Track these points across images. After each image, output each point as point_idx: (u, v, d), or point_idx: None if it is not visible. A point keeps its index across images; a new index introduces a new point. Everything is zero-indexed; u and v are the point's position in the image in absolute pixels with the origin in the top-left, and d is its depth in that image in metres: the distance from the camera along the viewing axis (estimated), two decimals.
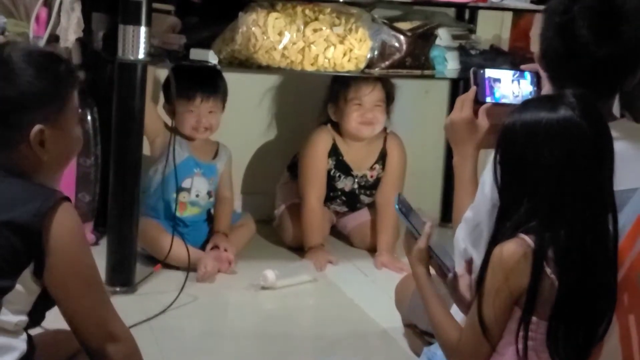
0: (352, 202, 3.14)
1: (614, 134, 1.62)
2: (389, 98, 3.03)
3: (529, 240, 1.47)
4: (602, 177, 1.50)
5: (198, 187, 2.87)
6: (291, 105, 3.31)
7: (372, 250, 3.08)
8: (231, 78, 2.92)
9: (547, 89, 1.75)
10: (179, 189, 2.80)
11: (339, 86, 2.97)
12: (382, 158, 3.09)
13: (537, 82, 1.88)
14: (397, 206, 1.73)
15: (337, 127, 3.04)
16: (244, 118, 3.24)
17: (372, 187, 3.12)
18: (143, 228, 2.65)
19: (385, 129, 3.08)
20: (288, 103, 3.30)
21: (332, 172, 3.05)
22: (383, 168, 3.10)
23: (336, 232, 3.22)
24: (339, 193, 3.10)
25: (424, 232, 1.69)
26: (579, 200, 1.47)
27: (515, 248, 1.47)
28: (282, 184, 3.19)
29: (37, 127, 1.54)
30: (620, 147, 1.62)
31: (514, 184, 1.51)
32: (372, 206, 3.15)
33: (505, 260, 1.47)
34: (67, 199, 1.55)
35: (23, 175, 1.56)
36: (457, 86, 3.32)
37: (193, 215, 2.88)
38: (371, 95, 2.96)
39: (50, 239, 1.50)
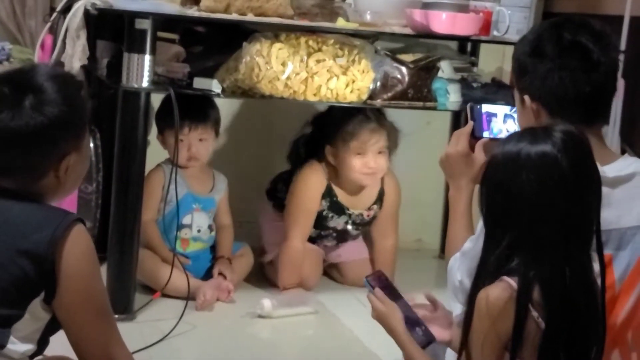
0: (341, 236, 3.08)
1: (629, 169, 1.66)
2: (392, 144, 2.94)
3: (513, 282, 1.46)
4: (581, 214, 1.48)
5: (199, 222, 2.87)
6: (287, 135, 3.32)
7: None
8: (227, 107, 2.93)
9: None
10: (180, 226, 2.81)
11: (340, 132, 2.85)
12: (380, 198, 3.03)
13: None
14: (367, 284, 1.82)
15: (332, 166, 2.94)
16: (238, 146, 3.25)
17: (365, 224, 3.06)
18: (140, 259, 2.64)
19: None
20: (284, 132, 3.29)
21: (324, 213, 2.97)
22: (380, 207, 3.03)
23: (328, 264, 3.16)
24: (330, 231, 3.04)
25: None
26: (557, 235, 1.46)
27: (501, 292, 1.46)
28: (266, 220, 3.10)
29: (68, 157, 1.57)
30: (635, 182, 1.65)
31: (495, 214, 1.51)
32: (367, 242, 3.10)
33: (492, 305, 1.47)
34: (80, 220, 1.55)
35: (38, 198, 1.57)
36: (459, 118, 3.33)
37: (196, 250, 2.89)
38: (376, 145, 2.86)
39: (62, 266, 1.50)
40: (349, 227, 3.05)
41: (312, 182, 2.93)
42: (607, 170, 1.64)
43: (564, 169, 1.46)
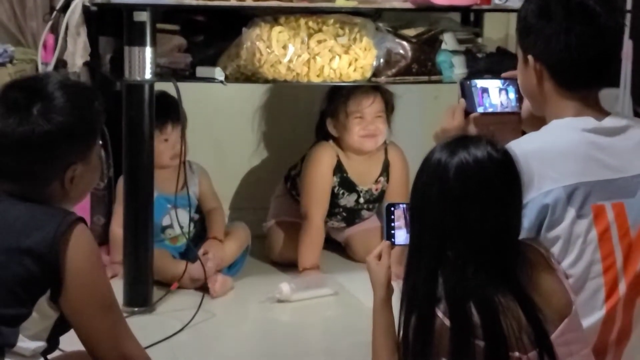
0: (351, 217, 3.08)
1: (622, 122, 1.70)
2: (389, 108, 2.98)
3: (446, 321, 1.46)
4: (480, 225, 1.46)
5: (178, 219, 2.79)
6: (284, 119, 3.28)
7: None
8: (225, 92, 2.91)
9: (548, 92, 1.74)
10: (162, 229, 2.83)
11: (338, 99, 2.92)
12: (386, 170, 3.04)
13: (518, 89, 1.87)
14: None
15: (338, 143, 2.98)
16: (235, 132, 3.25)
17: (375, 200, 3.07)
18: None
19: (384, 140, 3.01)
20: (281, 117, 3.27)
21: (335, 190, 2.99)
22: (387, 180, 3.04)
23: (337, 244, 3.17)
24: (340, 209, 3.05)
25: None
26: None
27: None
28: (276, 196, 3.14)
29: (73, 167, 1.58)
30: (630, 134, 1.69)
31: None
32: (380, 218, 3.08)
33: None
34: (81, 219, 1.56)
35: (42, 202, 1.58)
36: None
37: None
38: (372, 107, 2.91)
39: (66, 264, 1.52)
40: (361, 201, 3.03)
41: (322, 158, 2.96)
42: (604, 123, 1.69)
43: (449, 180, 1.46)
